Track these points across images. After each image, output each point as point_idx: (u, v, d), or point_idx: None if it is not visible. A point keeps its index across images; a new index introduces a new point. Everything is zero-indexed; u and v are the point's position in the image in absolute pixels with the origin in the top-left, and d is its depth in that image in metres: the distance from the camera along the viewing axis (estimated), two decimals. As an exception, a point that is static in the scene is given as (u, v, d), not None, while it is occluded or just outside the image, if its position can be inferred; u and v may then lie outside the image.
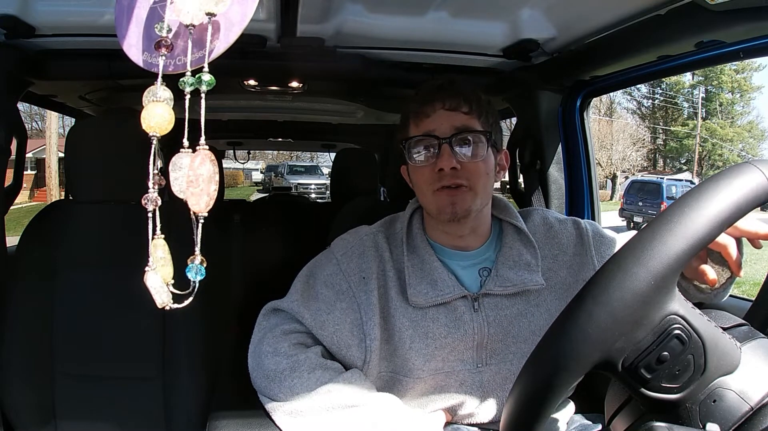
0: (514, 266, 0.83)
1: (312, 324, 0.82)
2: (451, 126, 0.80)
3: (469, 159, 0.80)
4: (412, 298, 0.80)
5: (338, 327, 0.80)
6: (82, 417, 1.08)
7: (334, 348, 0.81)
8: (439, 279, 0.81)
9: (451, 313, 0.81)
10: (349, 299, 0.81)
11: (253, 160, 19.68)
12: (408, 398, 0.81)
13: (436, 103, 0.81)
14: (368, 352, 0.79)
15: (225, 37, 0.48)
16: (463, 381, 0.81)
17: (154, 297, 0.48)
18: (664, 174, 19.81)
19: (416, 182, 0.84)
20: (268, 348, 0.80)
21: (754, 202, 0.41)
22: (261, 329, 0.85)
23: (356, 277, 0.82)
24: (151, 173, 0.47)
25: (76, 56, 1.18)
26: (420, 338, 0.79)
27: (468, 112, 0.81)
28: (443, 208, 0.80)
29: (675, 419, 0.43)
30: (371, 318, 0.79)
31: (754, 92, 22.77)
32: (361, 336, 0.79)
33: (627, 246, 0.42)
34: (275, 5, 0.97)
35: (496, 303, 0.82)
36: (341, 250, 0.86)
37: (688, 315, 0.42)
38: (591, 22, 1.01)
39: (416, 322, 0.80)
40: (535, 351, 0.44)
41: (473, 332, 0.80)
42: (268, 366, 0.79)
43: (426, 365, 0.79)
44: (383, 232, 0.88)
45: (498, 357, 0.81)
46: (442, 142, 0.79)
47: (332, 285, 0.83)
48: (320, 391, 0.74)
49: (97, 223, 1.15)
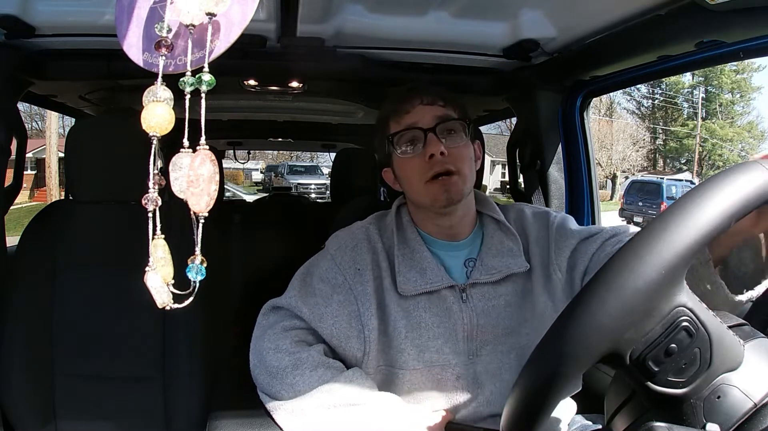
0: (497, 254, 0.86)
1: (311, 318, 0.83)
2: (433, 116, 0.84)
3: (453, 145, 0.84)
4: (401, 286, 0.82)
5: (336, 319, 0.82)
6: (82, 417, 1.08)
7: (335, 341, 0.82)
8: (428, 269, 0.83)
9: (441, 303, 0.82)
10: (345, 292, 0.83)
11: (253, 160, 19.67)
12: (406, 393, 0.81)
13: (414, 99, 0.85)
14: (367, 343, 0.81)
15: (225, 37, 0.48)
16: (459, 375, 0.82)
17: (155, 297, 0.48)
18: (664, 174, 19.81)
19: (405, 176, 0.86)
20: (269, 345, 0.81)
21: (760, 198, 0.41)
22: (261, 326, 0.86)
23: (351, 270, 0.84)
24: (151, 173, 0.47)
25: (76, 56, 1.18)
26: (413, 328, 0.81)
27: (444, 105, 0.86)
28: (438, 195, 0.82)
29: (678, 415, 0.43)
30: (368, 309, 0.81)
31: (753, 93, 22.78)
32: (360, 327, 0.81)
33: (640, 236, 0.42)
34: (275, 5, 0.97)
35: (484, 293, 0.84)
36: (335, 246, 0.88)
37: (696, 308, 0.42)
38: (591, 22, 1.01)
39: (408, 312, 0.82)
40: (543, 339, 0.44)
41: (463, 322, 0.82)
42: (270, 362, 0.80)
43: (420, 356, 0.80)
44: (375, 224, 0.90)
45: (489, 347, 0.83)
46: (428, 132, 0.83)
47: (328, 279, 0.85)
48: (322, 389, 0.75)
49: (97, 223, 1.15)
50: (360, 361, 0.81)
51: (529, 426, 0.43)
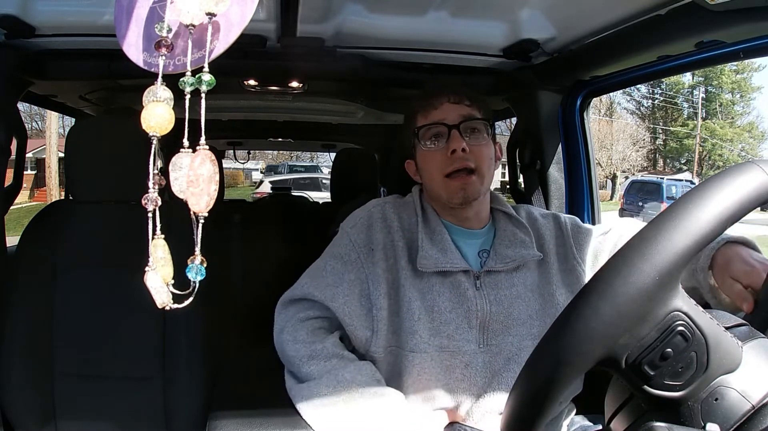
0: (510, 245, 0.89)
1: (323, 298, 0.85)
2: (458, 115, 0.88)
3: (475, 143, 0.87)
4: (421, 260, 0.84)
5: (348, 297, 0.84)
6: (82, 417, 1.08)
7: (346, 319, 0.84)
8: (449, 250, 0.86)
9: (456, 288, 0.84)
10: (357, 270, 0.86)
11: (253, 160, 19.65)
12: (416, 377, 0.82)
13: (442, 96, 0.89)
14: (376, 322, 0.83)
15: (225, 37, 0.48)
16: (468, 363, 0.82)
17: (154, 297, 0.48)
18: (664, 174, 19.81)
19: (427, 168, 0.89)
20: (288, 337, 0.85)
21: (756, 200, 0.41)
22: (280, 320, 0.89)
23: (365, 248, 0.87)
24: (151, 173, 0.47)
25: (76, 56, 1.18)
26: (427, 311, 0.83)
27: (470, 105, 0.89)
28: (455, 192, 0.86)
29: (676, 418, 0.43)
30: (377, 288, 0.84)
31: (753, 93, 22.78)
32: (369, 305, 0.84)
33: (631, 242, 0.42)
34: (275, 5, 0.97)
35: (497, 282, 0.86)
36: (351, 223, 0.91)
37: (692, 312, 0.42)
38: (591, 22, 1.01)
39: (423, 294, 0.83)
40: (538, 346, 0.44)
41: (476, 309, 0.83)
42: (289, 353, 0.84)
43: (431, 340, 0.82)
44: (391, 203, 0.93)
45: (499, 338, 0.84)
46: (452, 128, 0.87)
47: (342, 256, 0.88)
48: (329, 378, 0.78)
49: (97, 223, 1.15)
50: (369, 341, 0.83)
51: (527, 430, 0.43)
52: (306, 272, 0.91)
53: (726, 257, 0.68)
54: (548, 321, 0.83)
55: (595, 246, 0.92)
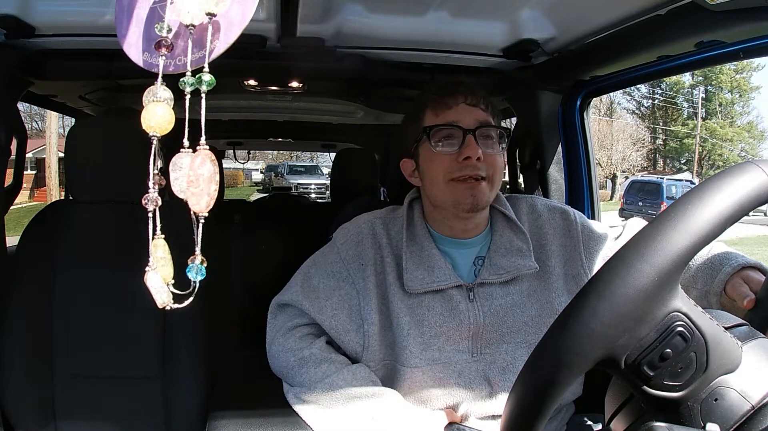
0: (506, 253, 0.85)
1: (311, 310, 0.85)
2: (475, 119, 0.83)
3: (490, 151, 0.82)
4: (408, 283, 0.81)
5: (336, 312, 0.83)
6: (82, 417, 1.08)
7: (333, 333, 0.84)
8: (436, 267, 0.83)
9: (447, 302, 0.82)
10: (348, 285, 0.84)
11: (253, 160, 19.68)
12: (409, 390, 0.81)
13: (458, 96, 0.84)
14: (366, 337, 0.81)
15: (225, 37, 0.48)
16: (461, 372, 0.81)
17: (155, 297, 0.48)
18: (664, 174, 19.81)
19: (431, 170, 0.84)
20: (278, 347, 0.86)
21: (756, 200, 0.41)
22: (271, 329, 0.89)
23: (355, 264, 0.85)
24: (151, 173, 0.47)
25: (76, 56, 1.18)
26: (416, 325, 0.81)
27: (485, 109, 0.84)
28: (463, 198, 0.81)
29: (676, 418, 0.43)
30: (368, 304, 0.82)
31: (753, 92, 22.78)
32: (359, 321, 0.82)
33: (631, 243, 0.42)
34: (275, 5, 0.97)
35: (491, 292, 0.83)
36: (342, 239, 0.89)
37: (691, 312, 0.42)
38: (591, 22, 1.01)
39: (412, 309, 0.82)
40: (537, 347, 0.44)
41: (469, 322, 0.81)
42: (280, 363, 0.84)
43: (422, 354, 0.80)
44: (382, 219, 0.89)
45: (492, 347, 0.82)
46: (468, 133, 0.81)
47: (333, 273, 0.86)
48: (325, 384, 0.77)
49: (97, 223, 1.15)
50: (360, 355, 0.82)
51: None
52: (297, 276, 0.89)
53: (737, 285, 0.69)
54: (544, 329, 0.83)
55: (606, 254, 0.88)
